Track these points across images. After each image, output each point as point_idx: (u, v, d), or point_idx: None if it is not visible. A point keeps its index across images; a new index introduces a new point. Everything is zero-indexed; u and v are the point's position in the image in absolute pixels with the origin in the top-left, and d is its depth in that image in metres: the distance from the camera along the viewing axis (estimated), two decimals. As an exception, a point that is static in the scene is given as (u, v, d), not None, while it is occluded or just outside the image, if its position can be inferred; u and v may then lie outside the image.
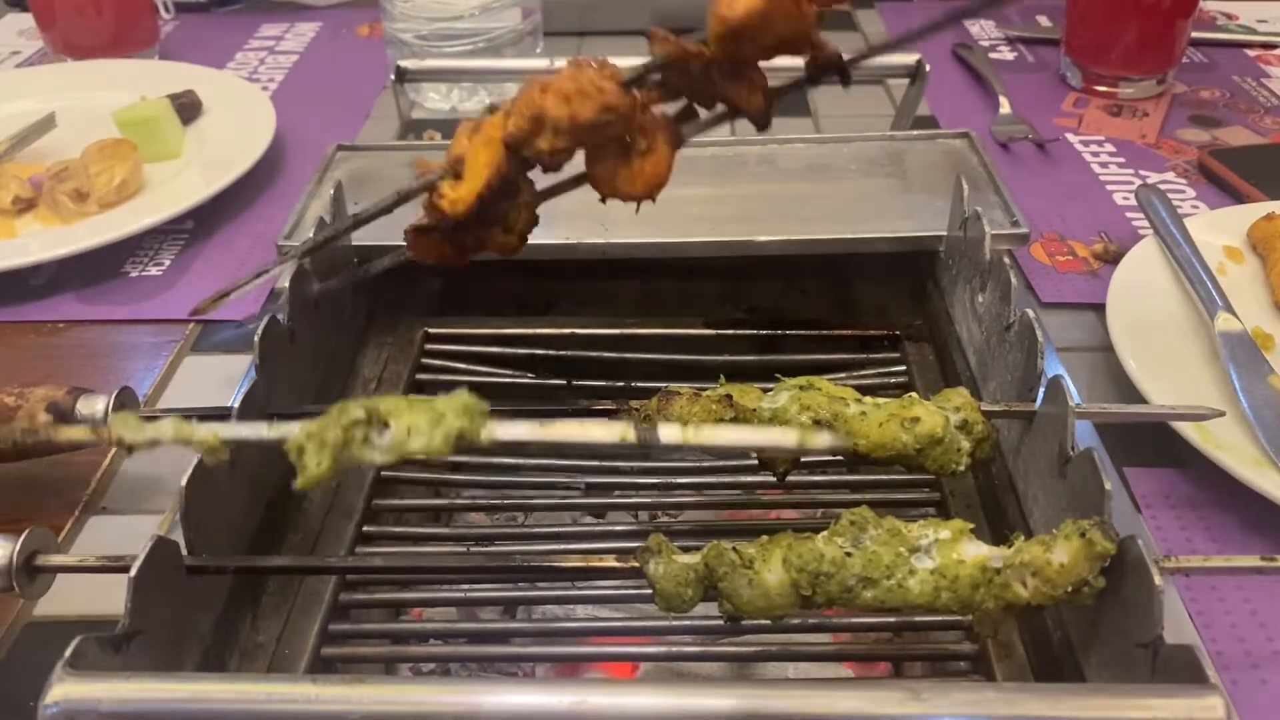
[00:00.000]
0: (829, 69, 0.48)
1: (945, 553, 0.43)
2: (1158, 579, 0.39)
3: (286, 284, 0.56)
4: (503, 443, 0.38)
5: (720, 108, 0.50)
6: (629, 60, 0.92)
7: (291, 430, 0.38)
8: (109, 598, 0.43)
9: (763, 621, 0.44)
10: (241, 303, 0.68)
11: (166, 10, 1.23)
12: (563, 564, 0.48)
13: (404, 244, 0.53)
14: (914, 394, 0.51)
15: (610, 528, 0.62)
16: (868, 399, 0.51)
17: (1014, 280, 0.56)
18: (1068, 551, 0.42)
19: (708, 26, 0.47)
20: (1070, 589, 0.41)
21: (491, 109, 0.49)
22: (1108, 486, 0.43)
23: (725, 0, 0.45)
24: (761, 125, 0.49)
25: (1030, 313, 0.53)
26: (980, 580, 0.43)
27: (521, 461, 0.64)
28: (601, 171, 0.49)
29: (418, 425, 0.37)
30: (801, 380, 0.51)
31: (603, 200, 0.50)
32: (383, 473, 0.61)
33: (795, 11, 0.45)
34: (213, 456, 0.39)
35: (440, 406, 0.37)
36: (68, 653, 0.36)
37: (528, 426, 0.40)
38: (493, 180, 0.48)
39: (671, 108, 0.51)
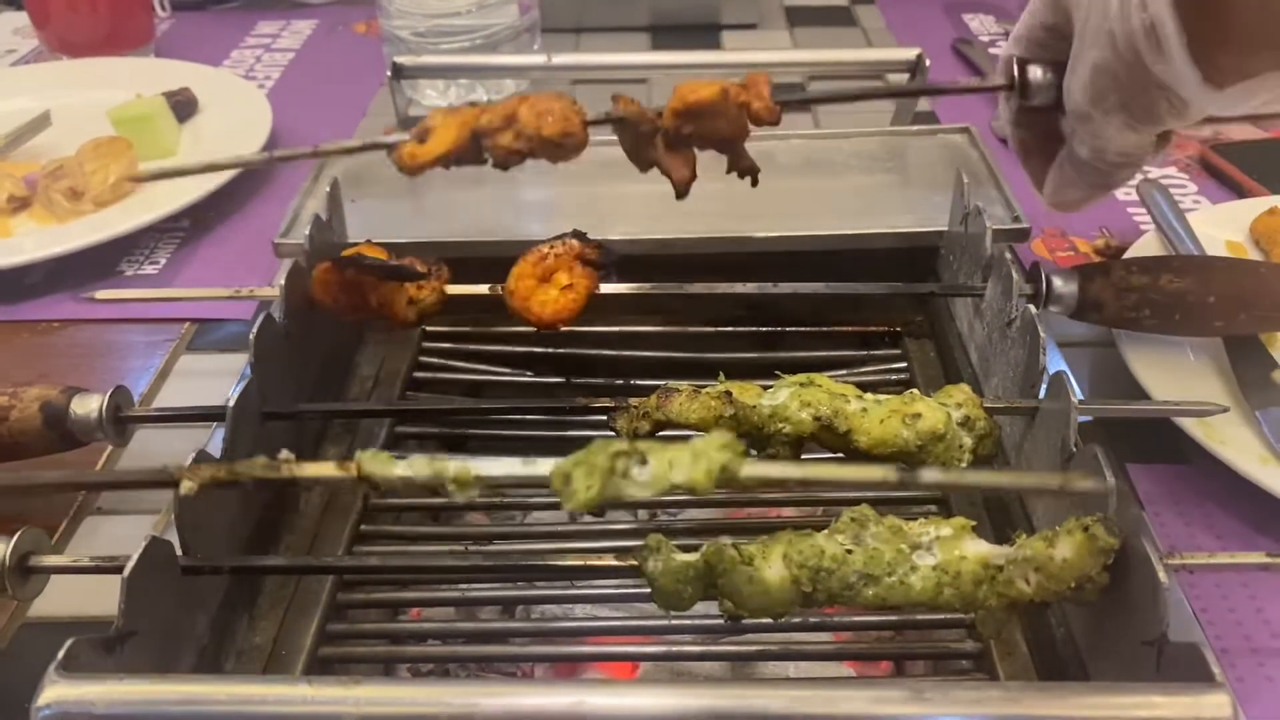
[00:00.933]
0: (744, 171, 0.59)
1: (947, 550, 0.43)
2: (1163, 576, 0.38)
3: (282, 282, 0.55)
4: (761, 480, 0.38)
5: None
6: (625, 56, 0.92)
7: (548, 465, 0.38)
8: (106, 599, 0.42)
9: (763, 620, 0.43)
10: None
11: (162, 8, 1.22)
12: (561, 562, 0.48)
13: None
14: (915, 390, 0.51)
15: (609, 526, 0.61)
16: (868, 395, 0.51)
17: (1015, 275, 0.56)
18: (1071, 547, 0.41)
19: (668, 103, 0.56)
20: (1073, 585, 0.41)
21: (473, 104, 0.57)
22: (1111, 483, 0.43)
23: (690, 85, 0.55)
24: (680, 196, 0.58)
25: (1032, 308, 0.53)
26: (983, 577, 0.42)
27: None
28: (521, 288, 0.55)
29: (679, 459, 0.36)
30: (801, 377, 0.51)
31: (511, 313, 0.56)
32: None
33: (738, 116, 0.56)
34: (463, 492, 0.38)
35: (699, 446, 0.37)
36: (60, 654, 0.36)
37: (784, 466, 0.39)
38: (452, 151, 0.56)
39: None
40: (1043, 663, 0.49)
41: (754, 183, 0.59)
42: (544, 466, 0.38)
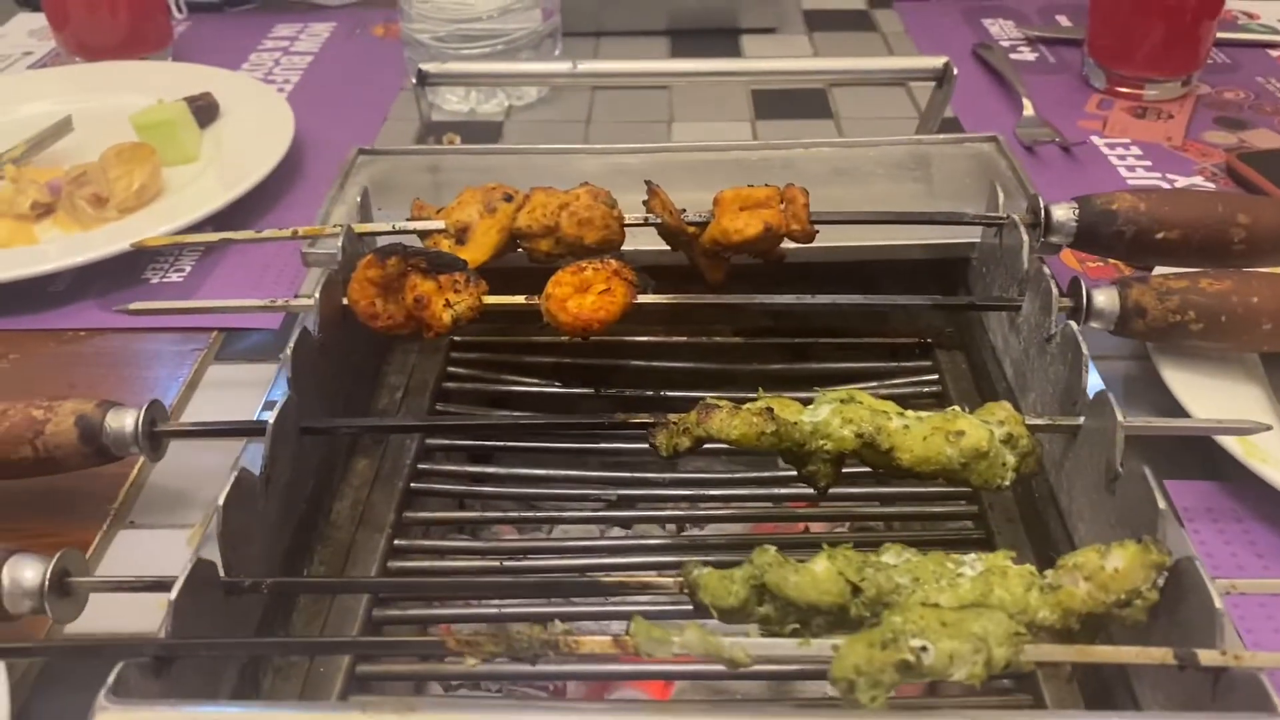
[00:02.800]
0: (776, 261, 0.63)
1: (990, 561, 0.43)
2: (1218, 601, 0.38)
3: (317, 295, 0.55)
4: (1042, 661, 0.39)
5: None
6: (648, 64, 0.91)
7: (825, 646, 0.38)
8: (140, 616, 0.42)
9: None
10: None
11: (179, 10, 1.21)
12: (600, 579, 0.47)
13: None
14: (956, 407, 0.51)
15: (640, 541, 0.61)
16: (909, 412, 0.50)
17: (1054, 290, 0.55)
18: (1123, 558, 0.41)
19: (710, 225, 0.60)
20: (1123, 597, 0.41)
21: (508, 198, 0.61)
22: (1161, 505, 0.42)
23: (735, 226, 0.59)
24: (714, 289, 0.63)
25: (1073, 324, 0.52)
26: (1032, 583, 0.42)
27: (550, 473, 0.64)
28: (558, 293, 0.56)
29: (960, 654, 0.37)
30: (842, 393, 0.50)
31: (546, 318, 0.56)
32: (412, 484, 0.60)
33: (776, 240, 0.60)
34: (735, 667, 0.39)
35: (979, 633, 0.38)
36: (110, 680, 0.36)
37: (1064, 649, 0.40)
38: (494, 256, 0.60)
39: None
40: (1087, 684, 0.48)
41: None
42: (823, 649, 0.38)
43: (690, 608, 0.43)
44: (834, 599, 0.42)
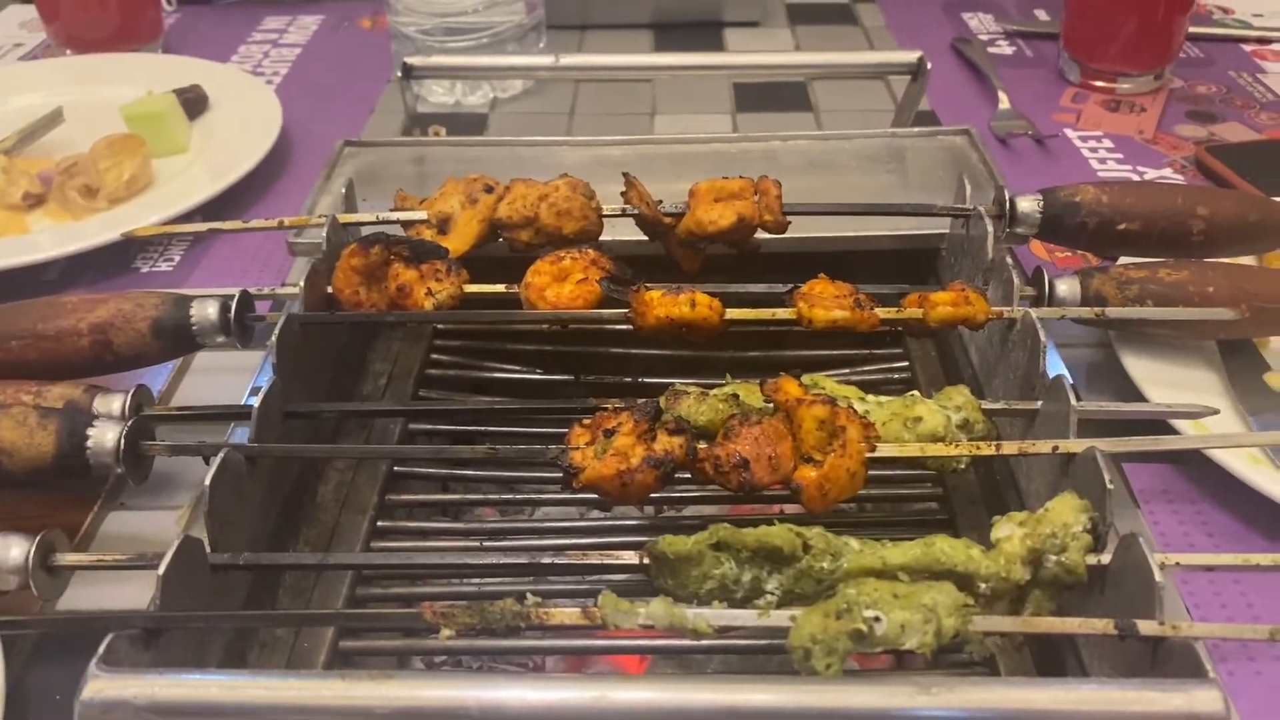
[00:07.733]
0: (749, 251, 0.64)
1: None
2: (1158, 575, 0.40)
3: (301, 283, 0.57)
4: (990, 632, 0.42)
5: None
6: (631, 58, 0.93)
7: (783, 617, 0.40)
8: (134, 599, 0.43)
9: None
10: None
11: (169, 3, 1.23)
12: (575, 560, 0.49)
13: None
14: (916, 392, 0.53)
15: (619, 522, 0.63)
16: (870, 397, 0.52)
17: (1016, 280, 0.57)
18: (1054, 503, 0.44)
19: (686, 216, 0.62)
20: (1055, 536, 0.44)
21: (488, 189, 0.63)
22: (1109, 485, 0.44)
23: (710, 217, 0.61)
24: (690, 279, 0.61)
25: (1033, 313, 0.54)
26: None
27: (529, 458, 0.65)
28: (537, 282, 0.58)
29: (911, 623, 0.39)
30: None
31: (525, 307, 0.58)
32: (395, 467, 0.62)
33: (750, 230, 0.62)
34: (698, 638, 0.41)
35: (929, 604, 0.40)
36: (101, 649, 0.38)
37: (1011, 621, 0.42)
38: (475, 245, 0.62)
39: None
40: (1040, 655, 0.50)
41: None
42: (780, 619, 0.40)
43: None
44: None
